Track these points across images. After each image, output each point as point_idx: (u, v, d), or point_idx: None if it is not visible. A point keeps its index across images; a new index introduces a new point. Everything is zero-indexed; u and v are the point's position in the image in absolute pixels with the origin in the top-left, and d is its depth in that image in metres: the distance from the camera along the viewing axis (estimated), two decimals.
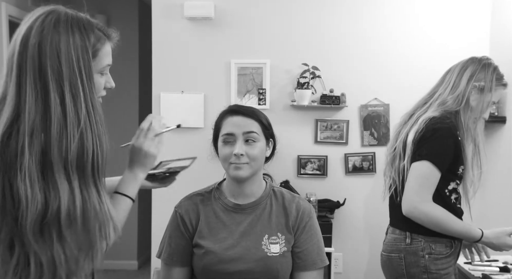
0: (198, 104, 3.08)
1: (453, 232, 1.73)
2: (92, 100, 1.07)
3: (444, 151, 1.71)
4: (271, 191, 1.57)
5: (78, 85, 1.04)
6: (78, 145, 1.02)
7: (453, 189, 1.79)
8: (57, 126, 1.00)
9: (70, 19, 1.08)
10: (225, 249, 1.47)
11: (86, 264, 1.09)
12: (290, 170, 3.08)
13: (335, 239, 2.98)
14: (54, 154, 1.00)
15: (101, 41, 1.13)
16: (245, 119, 1.49)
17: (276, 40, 3.06)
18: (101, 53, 1.13)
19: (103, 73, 1.17)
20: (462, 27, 3.01)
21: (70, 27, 1.07)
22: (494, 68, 1.83)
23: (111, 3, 4.33)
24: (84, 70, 1.05)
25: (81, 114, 1.03)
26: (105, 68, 1.16)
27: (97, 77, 1.14)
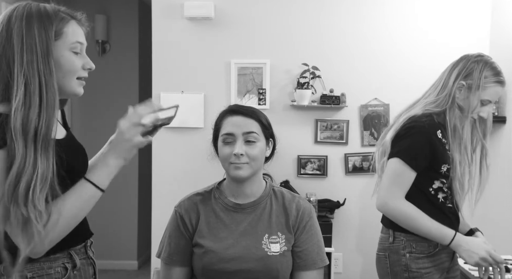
0: (198, 104, 3.08)
1: (422, 230, 1.69)
2: (46, 76, 1.16)
3: (415, 148, 1.70)
4: (271, 191, 1.57)
5: (31, 62, 1.14)
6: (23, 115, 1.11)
7: (439, 187, 1.76)
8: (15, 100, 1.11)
9: (28, 6, 1.20)
10: (225, 248, 1.47)
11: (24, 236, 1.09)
12: (290, 170, 3.08)
13: (335, 239, 2.98)
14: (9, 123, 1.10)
15: (65, 20, 1.22)
16: (245, 119, 1.49)
17: (276, 40, 3.06)
18: (66, 31, 1.22)
19: (76, 53, 1.24)
20: (462, 27, 3.01)
21: (27, 11, 1.18)
22: (485, 65, 1.76)
23: (111, 3, 4.33)
24: (39, 48, 1.15)
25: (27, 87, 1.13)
26: (75, 45, 1.24)
27: (69, 55, 1.23)
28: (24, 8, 1.19)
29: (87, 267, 1.34)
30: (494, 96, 1.77)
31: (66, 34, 1.22)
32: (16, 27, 1.16)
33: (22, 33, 1.16)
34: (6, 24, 1.17)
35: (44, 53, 1.17)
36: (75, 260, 1.29)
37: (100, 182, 1.22)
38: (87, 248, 1.36)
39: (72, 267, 1.27)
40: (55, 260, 1.24)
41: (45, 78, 1.16)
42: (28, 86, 1.14)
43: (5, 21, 1.18)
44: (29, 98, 1.13)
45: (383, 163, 1.82)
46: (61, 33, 1.21)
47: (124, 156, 1.24)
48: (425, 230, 1.68)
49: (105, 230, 4.04)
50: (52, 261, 1.22)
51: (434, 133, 1.73)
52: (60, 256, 1.25)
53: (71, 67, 1.23)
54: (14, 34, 1.16)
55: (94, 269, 1.37)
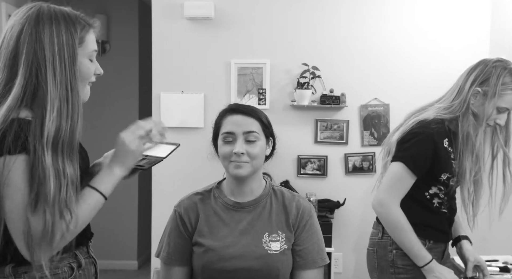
0: (198, 104, 3.08)
1: (404, 244, 1.69)
2: (73, 83, 1.17)
3: (419, 155, 1.69)
4: (271, 190, 1.57)
5: (61, 70, 1.15)
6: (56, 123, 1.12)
7: (435, 193, 1.75)
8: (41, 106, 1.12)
9: (53, 10, 1.19)
10: (225, 247, 1.47)
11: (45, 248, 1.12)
12: (290, 170, 3.08)
13: (335, 239, 2.98)
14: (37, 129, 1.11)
15: (86, 28, 1.23)
16: (245, 118, 1.49)
17: (276, 40, 3.06)
18: (87, 39, 1.23)
19: (91, 60, 1.26)
20: (462, 27, 3.01)
21: (54, 17, 1.18)
22: (504, 71, 1.69)
23: (111, 3, 4.33)
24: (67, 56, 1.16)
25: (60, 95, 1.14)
26: (92, 53, 1.26)
27: (87, 62, 1.25)
28: (49, 12, 1.18)
29: (89, 266, 1.36)
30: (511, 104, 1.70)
31: (87, 42, 1.23)
32: (47, 30, 1.16)
33: (53, 39, 1.16)
34: (34, 25, 1.16)
35: (71, 60, 1.18)
36: (80, 260, 1.31)
37: (105, 190, 1.25)
38: (89, 248, 1.39)
39: (78, 266, 1.29)
40: (61, 260, 1.25)
41: (71, 85, 1.17)
42: (59, 93, 1.15)
43: (32, 22, 1.16)
44: (59, 105, 1.14)
45: (386, 162, 1.82)
46: (83, 41, 1.22)
47: (128, 166, 1.27)
48: (408, 244, 1.69)
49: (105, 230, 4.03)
50: (58, 261, 1.23)
51: (441, 142, 1.70)
52: (66, 256, 1.27)
53: (87, 75, 1.25)
54: (45, 39, 1.15)
55: (95, 268, 1.39)
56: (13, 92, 1.14)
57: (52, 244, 1.12)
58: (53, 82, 1.14)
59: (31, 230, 1.10)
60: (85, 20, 1.25)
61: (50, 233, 1.11)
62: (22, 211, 1.11)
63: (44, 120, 1.12)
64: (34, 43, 1.15)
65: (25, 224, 1.11)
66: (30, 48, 1.15)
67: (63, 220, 1.12)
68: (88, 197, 1.22)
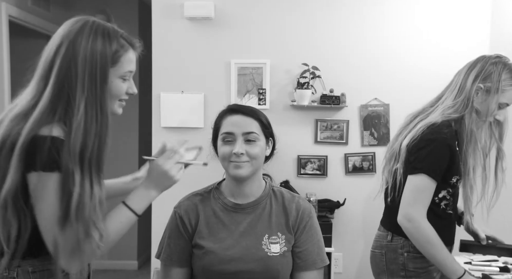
0: (198, 104, 3.08)
1: (436, 258, 1.65)
2: (102, 101, 1.17)
3: (439, 162, 1.66)
4: (271, 191, 1.57)
5: (91, 88, 1.15)
6: (81, 140, 1.14)
7: (443, 197, 1.74)
8: (69, 123, 1.14)
9: (95, 26, 1.19)
10: (225, 249, 1.46)
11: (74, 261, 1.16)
12: (290, 170, 3.08)
13: (335, 239, 2.98)
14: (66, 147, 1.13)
15: (124, 48, 1.23)
16: (244, 118, 1.49)
17: (276, 40, 3.06)
18: (123, 60, 1.23)
19: (125, 79, 1.26)
20: (462, 28, 3.01)
21: (93, 33, 1.18)
22: (504, 67, 1.70)
23: (111, 3, 4.33)
24: (99, 75, 1.16)
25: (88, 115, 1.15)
26: (126, 74, 1.25)
27: (118, 82, 1.24)
28: (91, 28, 1.19)
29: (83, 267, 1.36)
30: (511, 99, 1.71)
31: (122, 63, 1.24)
32: (83, 47, 1.16)
33: (86, 57, 1.16)
34: (72, 40, 1.17)
35: (103, 80, 1.18)
36: None
37: (139, 209, 1.30)
38: None
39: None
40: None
41: (101, 105, 1.18)
42: (87, 111, 1.16)
43: (71, 36, 1.17)
44: (87, 124, 1.16)
45: (394, 168, 1.78)
46: (117, 61, 1.22)
47: (164, 189, 1.34)
48: (440, 258, 1.64)
49: None
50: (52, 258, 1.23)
51: (454, 146, 1.69)
52: None
53: (117, 93, 1.26)
54: (79, 56, 1.16)
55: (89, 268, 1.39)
56: (39, 105, 1.16)
57: (81, 259, 1.17)
58: (82, 100, 1.15)
59: (60, 245, 1.14)
60: (126, 40, 1.26)
61: (78, 250, 1.15)
62: (52, 225, 1.14)
63: (71, 139, 1.14)
64: (68, 58, 1.16)
65: (54, 237, 1.15)
66: (64, 62, 1.16)
67: (91, 238, 1.15)
68: (122, 215, 1.27)
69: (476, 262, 2.02)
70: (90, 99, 1.16)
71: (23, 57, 4.74)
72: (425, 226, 1.65)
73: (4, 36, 3.25)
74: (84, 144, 1.14)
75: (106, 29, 1.21)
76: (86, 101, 1.15)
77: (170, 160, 1.31)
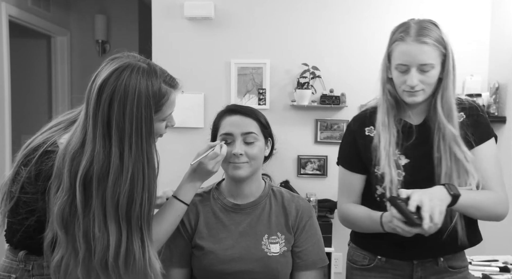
0: (198, 104, 3.08)
1: (362, 223, 1.46)
2: (149, 154, 1.18)
3: (342, 149, 1.58)
4: (270, 191, 1.56)
5: (138, 142, 1.15)
6: (128, 195, 1.15)
7: (382, 193, 1.46)
8: (113, 177, 1.13)
9: (140, 75, 1.16)
10: (224, 249, 1.46)
11: None
12: (290, 170, 3.08)
13: (335, 239, 2.98)
14: (108, 201, 1.14)
15: (167, 95, 1.23)
16: (243, 119, 1.49)
17: (276, 40, 3.06)
18: (166, 106, 1.23)
19: (165, 119, 1.27)
20: (462, 28, 3.01)
21: (139, 85, 1.15)
22: (392, 33, 1.48)
23: (111, 3, 4.33)
24: (144, 127, 1.16)
25: (135, 167, 1.15)
26: (168, 117, 1.27)
27: (160, 124, 1.26)
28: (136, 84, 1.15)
29: None
30: (402, 57, 1.41)
31: (165, 109, 1.24)
32: (129, 107, 1.14)
33: (132, 114, 1.14)
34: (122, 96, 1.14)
35: (149, 133, 1.18)
36: None
37: (188, 199, 1.42)
38: None
39: None
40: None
41: (147, 159, 1.18)
42: (135, 165, 1.16)
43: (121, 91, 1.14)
44: (135, 177, 1.16)
45: None
46: (159, 110, 1.22)
47: (205, 180, 1.47)
48: (366, 226, 1.46)
49: None
50: None
51: (360, 131, 1.53)
52: None
53: (158, 134, 1.28)
54: (127, 115, 1.14)
55: None
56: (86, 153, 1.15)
57: None
58: (130, 156, 1.15)
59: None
60: (169, 83, 1.25)
61: None
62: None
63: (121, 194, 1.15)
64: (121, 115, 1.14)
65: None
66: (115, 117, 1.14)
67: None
68: (174, 208, 1.39)
69: (476, 262, 2.02)
70: (136, 154, 1.16)
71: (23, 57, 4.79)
72: (343, 209, 1.54)
73: (4, 36, 3.25)
74: (132, 199, 1.15)
75: (150, 77, 1.18)
76: (132, 156, 1.15)
77: (213, 160, 1.40)
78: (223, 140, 1.48)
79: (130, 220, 1.16)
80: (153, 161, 1.21)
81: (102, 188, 1.14)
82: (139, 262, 1.17)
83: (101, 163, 1.13)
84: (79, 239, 1.14)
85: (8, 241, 1.31)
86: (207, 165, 1.41)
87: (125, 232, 1.15)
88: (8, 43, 3.30)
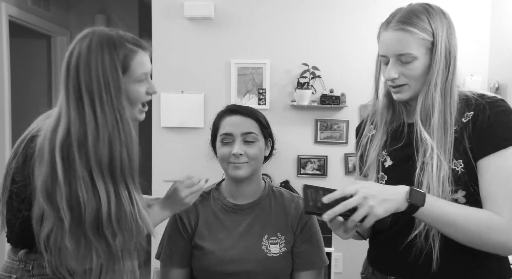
0: (198, 104, 3.08)
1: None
2: (121, 111, 1.20)
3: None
4: (270, 191, 1.56)
5: (108, 100, 1.18)
6: (109, 153, 1.17)
7: None
8: (92, 138, 1.16)
9: (103, 39, 1.21)
10: (224, 249, 1.46)
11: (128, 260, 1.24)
12: (290, 170, 3.08)
13: (335, 239, 2.98)
14: (92, 163, 1.16)
15: (132, 52, 1.25)
16: (243, 119, 1.49)
17: (276, 40, 3.06)
18: (133, 65, 1.24)
19: (142, 81, 1.27)
20: (462, 28, 3.00)
21: (101, 46, 1.20)
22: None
23: (111, 3, 4.33)
24: (112, 85, 1.19)
25: (109, 126, 1.18)
26: (141, 76, 1.27)
27: (135, 87, 1.26)
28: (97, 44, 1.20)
29: None
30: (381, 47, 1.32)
31: (133, 68, 1.24)
32: (94, 69, 1.18)
33: (98, 75, 1.18)
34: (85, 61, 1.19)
35: (118, 91, 1.20)
36: None
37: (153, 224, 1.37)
38: None
39: None
40: None
41: (120, 115, 1.20)
42: (109, 123, 1.18)
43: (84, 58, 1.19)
44: (112, 135, 1.18)
45: None
46: (127, 68, 1.23)
47: (176, 212, 1.47)
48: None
49: None
50: None
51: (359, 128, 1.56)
52: None
53: (136, 98, 1.28)
54: (93, 77, 1.18)
55: None
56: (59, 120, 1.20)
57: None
58: (102, 115, 1.18)
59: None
60: (133, 42, 1.28)
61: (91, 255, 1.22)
62: None
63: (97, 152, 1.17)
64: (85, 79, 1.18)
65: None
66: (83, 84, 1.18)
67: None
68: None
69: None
70: (109, 112, 1.18)
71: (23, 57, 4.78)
72: None
73: (4, 36, 3.25)
74: (111, 155, 1.18)
75: (111, 39, 1.22)
76: (106, 115, 1.18)
77: (188, 189, 1.40)
78: (223, 140, 1.48)
79: (115, 176, 1.18)
80: (125, 117, 1.21)
81: (84, 151, 1.16)
82: (130, 216, 1.19)
83: (77, 128, 1.16)
84: (63, 208, 1.15)
85: (8, 240, 1.31)
86: (181, 192, 1.39)
87: (112, 189, 1.18)
88: (8, 43, 3.30)
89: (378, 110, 1.40)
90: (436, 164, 1.15)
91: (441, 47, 1.22)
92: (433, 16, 1.27)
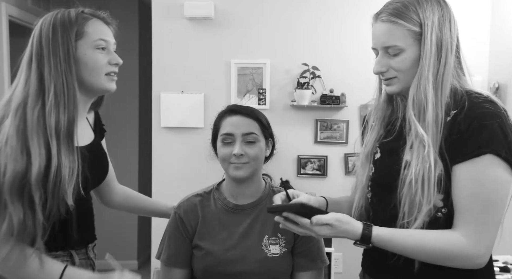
0: (198, 104, 3.08)
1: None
2: (67, 75, 1.22)
3: None
4: (271, 191, 1.56)
5: (56, 63, 1.21)
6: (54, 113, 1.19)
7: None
8: (33, 98, 1.19)
9: (60, 12, 1.27)
10: (225, 250, 1.46)
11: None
12: (290, 170, 3.08)
13: (335, 239, 2.98)
14: (28, 122, 1.17)
15: (87, 19, 1.29)
16: (244, 119, 1.48)
17: (276, 40, 3.06)
18: (89, 30, 1.27)
19: (103, 48, 1.30)
20: (462, 28, 3.00)
21: (55, 17, 1.25)
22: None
23: (111, 3, 4.31)
24: (61, 49, 1.22)
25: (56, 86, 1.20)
26: (99, 43, 1.29)
27: (93, 53, 1.28)
28: (51, 17, 1.26)
29: (86, 267, 1.39)
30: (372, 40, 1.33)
31: (88, 33, 1.28)
32: (45, 35, 1.23)
33: (48, 41, 1.22)
34: (38, 34, 1.25)
35: (65, 54, 1.23)
36: (75, 259, 1.35)
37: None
38: (88, 249, 1.42)
39: (71, 265, 1.31)
40: (55, 257, 1.28)
41: (66, 79, 1.22)
42: (56, 88, 1.21)
43: (37, 31, 1.25)
44: (57, 98, 1.20)
45: None
46: (82, 33, 1.27)
47: None
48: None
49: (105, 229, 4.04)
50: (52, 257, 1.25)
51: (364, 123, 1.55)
52: (61, 254, 1.32)
53: (95, 64, 1.28)
54: (43, 43, 1.23)
55: (93, 269, 1.40)
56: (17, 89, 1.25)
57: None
58: (50, 78, 1.21)
59: None
60: (89, 13, 1.31)
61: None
62: None
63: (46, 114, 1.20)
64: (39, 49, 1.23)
65: None
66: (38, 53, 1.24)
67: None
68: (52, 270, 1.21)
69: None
70: (56, 76, 1.21)
71: None
72: None
73: (4, 36, 3.25)
74: (58, 118, 1.19)
75: (67, 11, 1.28)
76: (53, 78, 1.21)
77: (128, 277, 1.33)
78: (223, 140, 1.48)
79: (59, 137, 1.19)
80: (71, 83, 1.23)
81: (20, 114, 1.18)
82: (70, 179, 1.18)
83: (21, 90, 1.21)
84: None
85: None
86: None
87: (55, 149, 1.18)
88: (8, 43, 3.29)
89: (379, 104, 1.40)
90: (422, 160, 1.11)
91: (431, 39, 1.15)
92: (422, 6, 1.18)
